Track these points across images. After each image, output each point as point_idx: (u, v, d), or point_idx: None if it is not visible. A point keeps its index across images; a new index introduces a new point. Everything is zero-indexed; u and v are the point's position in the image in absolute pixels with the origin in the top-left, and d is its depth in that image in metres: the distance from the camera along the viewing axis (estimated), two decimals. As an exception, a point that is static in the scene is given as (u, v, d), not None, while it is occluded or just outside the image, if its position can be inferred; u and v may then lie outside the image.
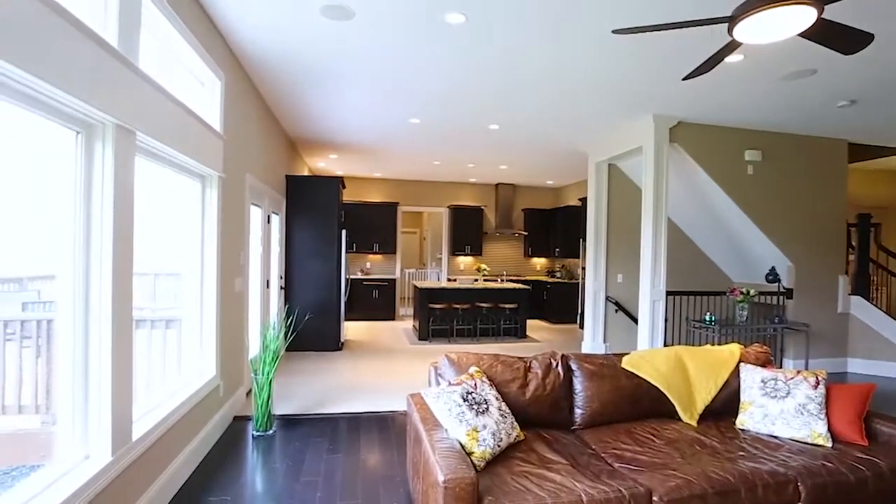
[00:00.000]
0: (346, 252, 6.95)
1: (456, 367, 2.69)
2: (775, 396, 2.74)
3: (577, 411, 2.80)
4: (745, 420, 2.79)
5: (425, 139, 6.44)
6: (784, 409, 2.66)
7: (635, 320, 6.53)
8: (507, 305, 7.68)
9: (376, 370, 5.55)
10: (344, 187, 7.24)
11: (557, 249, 9.98)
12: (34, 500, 1.66)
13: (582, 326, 8.57)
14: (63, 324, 1.92)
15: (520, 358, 2.84)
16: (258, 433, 3.53)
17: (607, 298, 6.59)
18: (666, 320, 5.31)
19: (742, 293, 5.20)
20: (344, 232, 6.63)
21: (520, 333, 7.77)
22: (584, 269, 9.00)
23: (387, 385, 4.93)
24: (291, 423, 3.81)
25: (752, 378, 2.91)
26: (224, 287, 3.58)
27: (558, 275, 10.17)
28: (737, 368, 3.03)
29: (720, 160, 5.42)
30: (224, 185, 3.55)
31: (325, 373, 5.36)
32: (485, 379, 2.56)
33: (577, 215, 9.47)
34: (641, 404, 2.87)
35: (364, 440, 3.52)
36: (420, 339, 7.45)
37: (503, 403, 2.50)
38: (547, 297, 9.68)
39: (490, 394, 2.47)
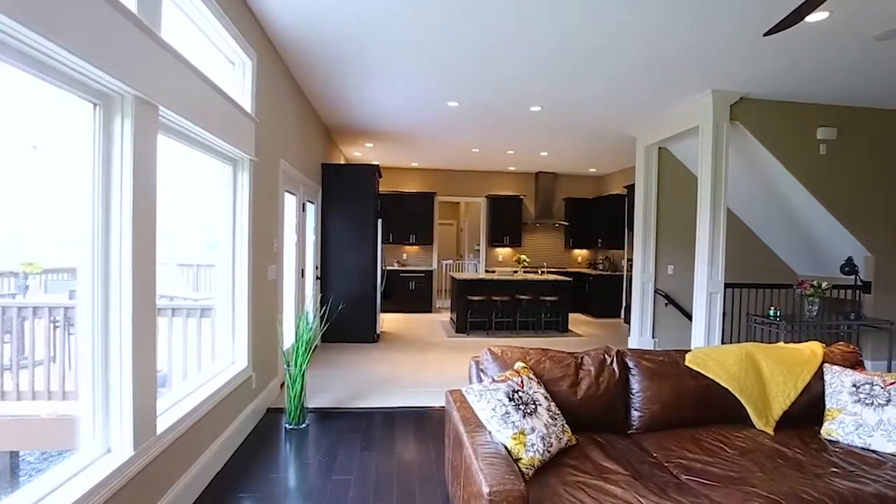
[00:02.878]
0: (383, 243, 6.81)
1: (500, 362, 2.46)
2: (871, 404, 2.36)
3: (635, 414, 2.51)
4: (832, 430, 2.42)
5: (464, 124, 6.18)
6: (884, 419, 2.28)
7: (687, 315, 6.09)
8: (547, 298, 7.36)
9: (412, 363, 5.38)
10: (380, 176, 7.09)
11: (600, 240, 9.52)
12: (51, 497, 1.55)
13: (627, 321, 8.14)
14: (83, 312, 1.80)
15: (570, 353, 2.57)
16: (291, 427, 3.42)
17: (656, 291, 6.17)
18: (724, 315, 4.88)
19: (812, 286, 4.70)
20: (380, 222, 6.49)
21: (561, 327, 7.44)
22: (629, 260, 8.55)
23: (423, 379, 4.75)
24: (325, 416, 3.69)
25: (840, 381, 2.53)
26: (256, 275, 3.47)
27: (601, 267, 9.72)
28: (820, 370, 2.66)
29: (788, 139, 4.90)
30: (256, 170, 3.43)
31: (360, 365, 5.23)
32: (532, 376, 2.31)
33: (621, 204, 9.00)
34: (708, 408, 2.55)
35: (399, 437, 3.35)
36: (457, 331, 7.25)
37: (553, 404, 2.25)
38: (589, 289, 9.27)
39: (538, 393, 2.23)
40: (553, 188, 9.97)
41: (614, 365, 2.54)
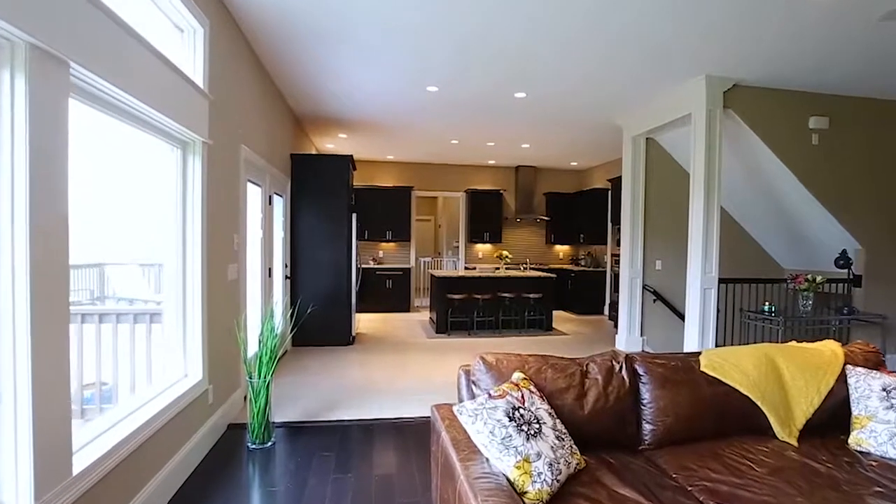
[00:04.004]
0: (358, 240, 6.41)
1: (494, 372, 2.12)
2: (906, 410, 2.13)
3: (646, 427, 2.22)
4: (862, 439, 2.18)
5: (443, 112, 5.83)
6: (925, 427, 2.05)
7: (675, 311, 5.91)
8: (531, 295, 7.08)
9: (391, 367, 5.01)
10: (354, 168, 6.68)
11: (582, 235, 9.33)
12: None
13: (611, 318, 7.96)
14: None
15: (573, 360, 2.26)
16: (254, 446, 3.01)
17: (645, 287, 5.96)
18: (717, 311, 4.68)
19: (807, 280, 4.54)
20: (354, 217, 6.08)
21: (546, 326, 7.18)
22: (613, 255, 8.37)
23: (403, 385, 4.39)
24: (294, 432, 3.29)
25: (866, 385, 2.30)
26: (213, 275, 3.05)
27: (583, 263, 9.53)
28: (842, 372, 2.42)
29: (780, 128, 4.73)
30: (212, 155, 3.01)
31: (334, 371, 4.84)
32: (533, 389, 1.99)
33: (603, 199, 8.83)
34: (726, 418, 2.28)
35: (378, 454, 2.98)
36: (437, 332, 6.90)
37: (558, 421, 1.93)
38: (571, 286, 9.06)
39: (542, 409, 1.90)
40: (534, 182, 9.72)
41: (623, 372, 2.24)
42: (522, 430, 1.75)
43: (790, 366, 2.41)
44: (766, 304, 4.61)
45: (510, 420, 1.76)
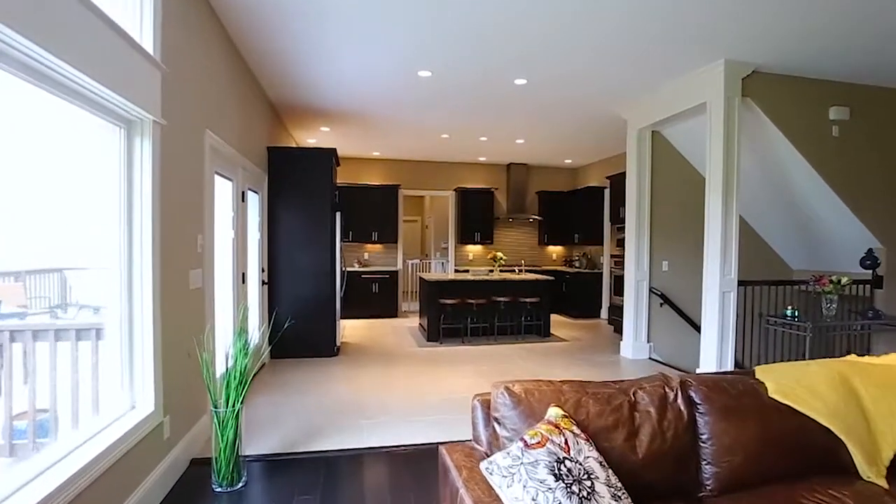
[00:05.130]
0: (342, 241, 5.90)
1: (523, 407, 1.66)
2: None
3: (707, 469, 1.79)
4: (966, 478, 1.79)
5: (436, 101, 5.36)
6: None
7: (685, 316, 5.55)
8: (527, 299, 6.65)
9: (381, 382, 4.52)
10: (338, 164, 6.17)
11: (577, 235, 8.95)
12: None
13: (611, 322, 7.59)
14: None
15: (615, 386, 1.82)
16: (221, 489, 2.50)
17: (651, 290, 5.59)
18: (736, 316, 4.32)
19: (832, 281, 4.20)
20: (338, 216, 5.57)
21: (543, 332, 6.76)
22: (613, 256, 8.01)
23: (396, 404, 3.91)
24: (270, 467, 2.79)
25: (963, 410, 1.91)
26: (169, 282, 2.53)
27: (577, 264, 9.16)
28: (928, 394, 2.03)
29: (799, 119, 4.40)
30: (167, 139, 2.49)
31: (317, 388, 4.32)
32: (577, 430, 1.54)
33: (600, 197, 8.49)
34: (804, 456, 1.86)
35: (371, 497, 2.50)
36: (429, 340, 6.43)
37: (610, 472, 1.49)
38: (566, 288, 8.68)
39: (591, 458, 1.46)
40: (526, 181, 9.31)
41: (679, 402, 1.81)
42: (573, 493, 1.30)
43: (869, 387, 2.00)
44: (789, 307, 4.26)
45: (556, 479, 1.32)
